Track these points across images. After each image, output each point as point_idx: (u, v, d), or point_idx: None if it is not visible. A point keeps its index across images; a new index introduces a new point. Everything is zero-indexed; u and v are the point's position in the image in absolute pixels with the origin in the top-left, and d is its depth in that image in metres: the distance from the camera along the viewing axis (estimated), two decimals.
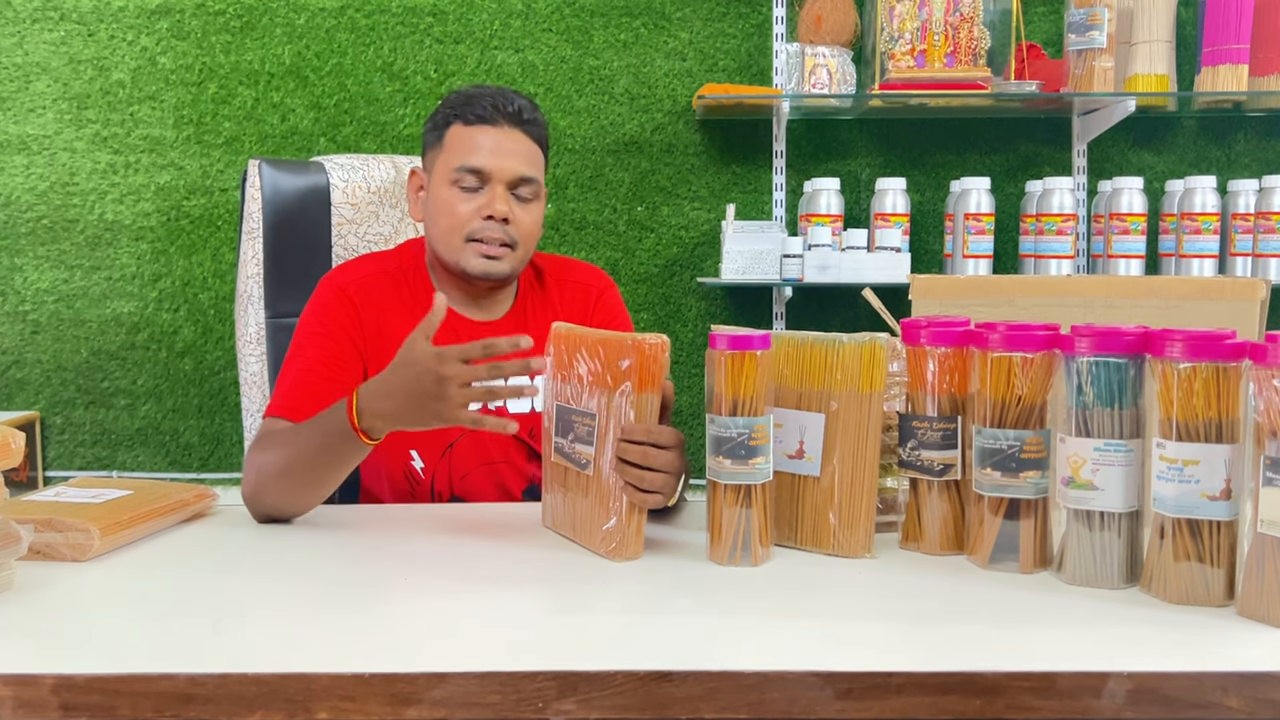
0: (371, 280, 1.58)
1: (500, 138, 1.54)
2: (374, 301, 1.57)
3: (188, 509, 1.36)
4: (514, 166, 1.53)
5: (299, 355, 1.54)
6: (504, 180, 1.53)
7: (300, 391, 1.49)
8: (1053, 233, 2.67)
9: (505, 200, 1.53)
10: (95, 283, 2.93)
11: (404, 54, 2.91)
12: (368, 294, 1.57)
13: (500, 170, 1.53)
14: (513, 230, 1.54)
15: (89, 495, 1.30)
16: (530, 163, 1.55)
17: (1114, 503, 1.08)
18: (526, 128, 1.56)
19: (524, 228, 1.55)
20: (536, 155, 1.57)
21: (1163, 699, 0.87)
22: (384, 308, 1.57)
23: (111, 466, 2.98)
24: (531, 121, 1.57)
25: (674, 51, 2.92)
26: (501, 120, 1.54)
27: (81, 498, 1.29)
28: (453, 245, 1.54)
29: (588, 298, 1.67)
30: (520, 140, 1.55)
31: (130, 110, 2.90)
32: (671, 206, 2.95)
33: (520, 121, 1.55)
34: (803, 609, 1.05)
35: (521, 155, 1.55)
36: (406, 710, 0.87)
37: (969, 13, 2.64)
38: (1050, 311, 1.27)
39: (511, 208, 1.53)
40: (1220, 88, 2.67)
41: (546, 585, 1.14)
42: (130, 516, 1.25)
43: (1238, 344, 1.02)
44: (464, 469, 1.58)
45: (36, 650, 0.94)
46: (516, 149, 1.54)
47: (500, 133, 1.54)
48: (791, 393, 1.22)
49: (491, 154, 1.53)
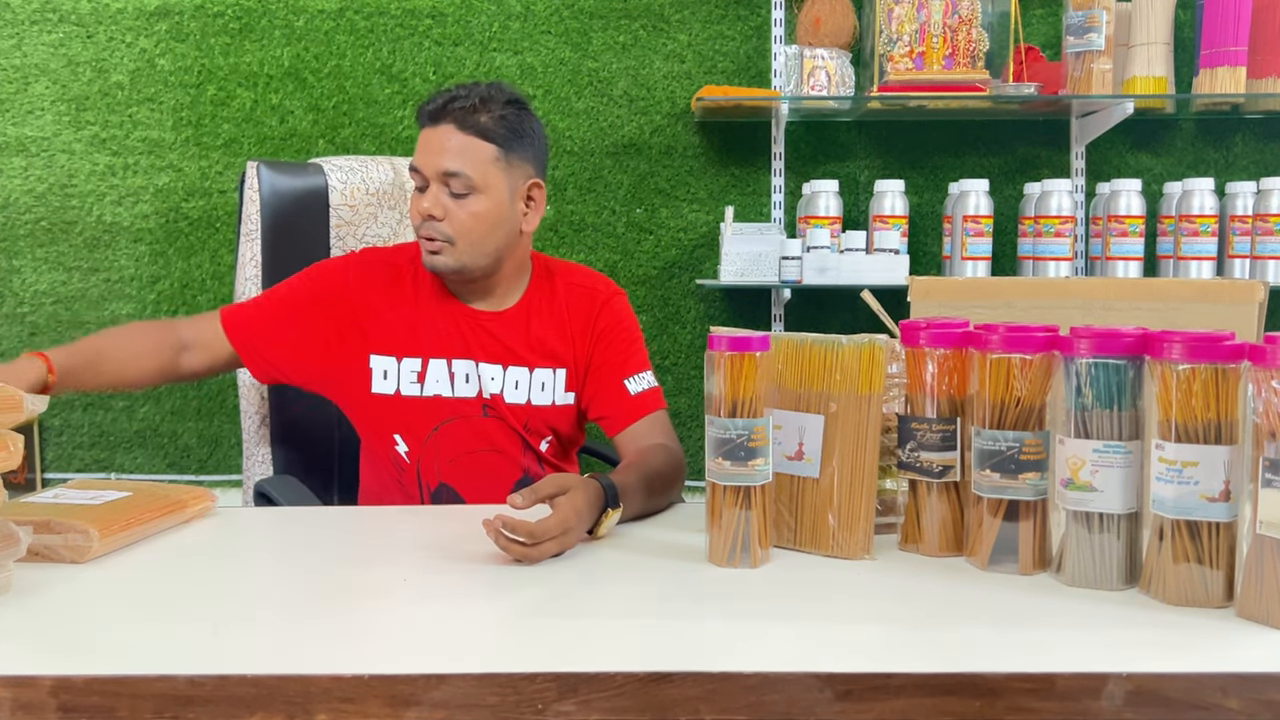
0: (378, 268, 1.66)
1: (433, 136, 1.57)
2: (371, 287, 1.64)
3: (186, 511, 1.36)
4: (436, 163, 1.55)
5: (281, 288, 1.67)
6: (433, 177, 1.56)
7: (251, 307, 1.67)
8: (1051, 235, 2.67)
9: (433, 198, 1.56)
10: (94, 285, 2.93)
11: (403, 56, 2.91)
12: (367, 279, 1.65)
13: (426, 167, 1.56)
14: (444, 226, 1.56)
15: (88, 497, 1.30)
16: (456, 156, 1.55)
17: (1113, 504, 1.08)
18: (459, 120, 1.55)
19: (457, 222, 1.56)
20: (471, 147, 1.55)
21: (1162, 700, 0.87)
22: (380, 296, 1.64)
23: (110, 468, 2.97)
24: (466, 111, 1.55)
25: (673, 54, 2.92)
26: (436, 119, 1.57)
27: (80, 499, 1.29)
28: (418, 241, 1.61)
29: (593, 301, 1.68)
30: (450, 135, 1.56)
31: (129, 112, 2.90)
32: (670, 209, 2.95)
33: (452, 114, 1.55)
34: (802, 610, 1.05)
35: (448, 150, 1.55)
36: (406, 712, 0.86)
37: (967, 15, 2.64)
38: (1049, 313, 1.28)
39: (444, 203, 1.56)
40: (1218, 90, 2.68)
41: (546, 586, 1.14)
42: (129, 519, 1.24)
43: (1236, 345, 1.02)
44: (450, 454, 1.58)
45: (35, 652, 0.94)
46: (445, 145, 1.56)
47: (434, 131, 1.57)
48: (791, 394, 1.22)
49: (423, 153, 1.57)
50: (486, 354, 1.61)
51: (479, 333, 1.62)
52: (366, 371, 1.60)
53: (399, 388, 1.59)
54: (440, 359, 1.60)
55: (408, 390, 1.59)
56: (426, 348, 1.60)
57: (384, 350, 1.60)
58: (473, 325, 1.62)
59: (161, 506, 1.31)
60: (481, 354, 1.61)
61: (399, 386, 1.59)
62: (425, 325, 1.61)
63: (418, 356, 1.60)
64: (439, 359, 1.60)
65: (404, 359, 1.60)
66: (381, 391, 1.60)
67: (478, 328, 1.62)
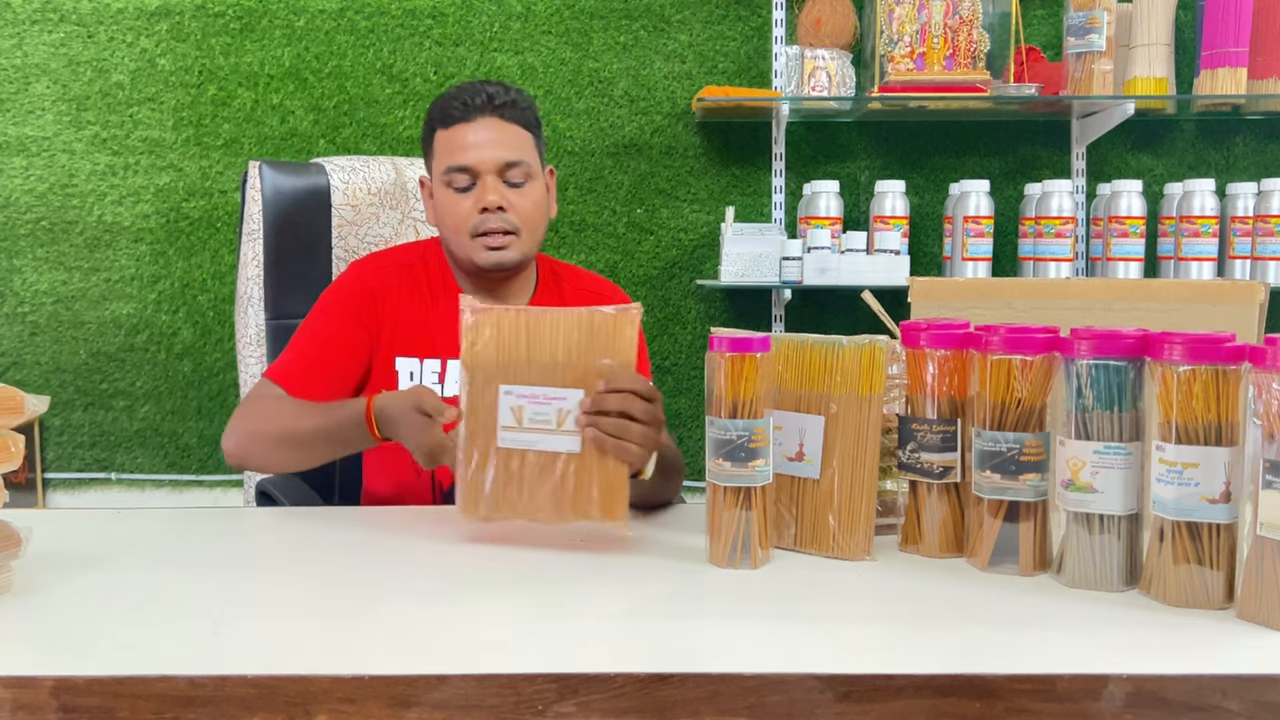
0: (392, 271, 1.64)
1: (477, 130, 1.56)
2: (391, 290, 1.62)
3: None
4: (495, 155, 1.56)
5: (310, 328, 1.61)
6: (490, 170, 1.56)
7: (303, 362, 1.57)
8: (1052, 235, 2.67)
9: (496, 190, 1.55)
10: (94, 284, 2.93)
11: (404, 56, 2.91)
12: (386, 283, 1.62)
13: (483, 162, 1.55)
14: (511, 217, 1.56)
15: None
16: (512, 146, 1.57)
17: (1113, 505, 1.08)
18: (501, 113, 1.57)
19: (522, 211, 1.57)
20: (519, 137, 1.58)
21: (1162, 702, 0.87)
22: (400, 297, 1.62)
23: (110, 468, 2.97)
24: (506, 105, 1.57)
25: (673, 54, 2.92)
26: (474, 113, 1.56)
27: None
28: (462, 244, 1.58)
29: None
30: (497, 127, 1.56)
31: (129, 112, 2.90)
32: (671, 209, 2.95)
33: (493, 108, 1.56)
34: (802, 611, 1.05)
35: (501, 141, 1.56)
36: (406, 713, 0.86)
37: (968, 16, 2.64)
38: (1049, 314, 1.27)
39: (505, 194, 1.56)
40: (1219, 91, 2.68)
41: (545, 587, 1.14)
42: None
43: (1237, 347, 1.02)
44: None
45: (35, 652, 0.94)
46: (495, 137, 1.56)
47: (476, 125, 1.56)
48: (791, 395, 1.22)
49: (472, 149, 1.56)
50: None
51: None
52: (393, 374, 1.61)
53: None
54: (457, 360, 1.60)
55: None
56: (444, 349, 1.61)
57: (407, 351, 1.61)
58: None
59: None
60: None
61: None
62: (441, 325, 1.61)
63: (436, 357, 1.61)
64: (456, 360, 1.60)
65: (425, 360, 1.61)
66: None
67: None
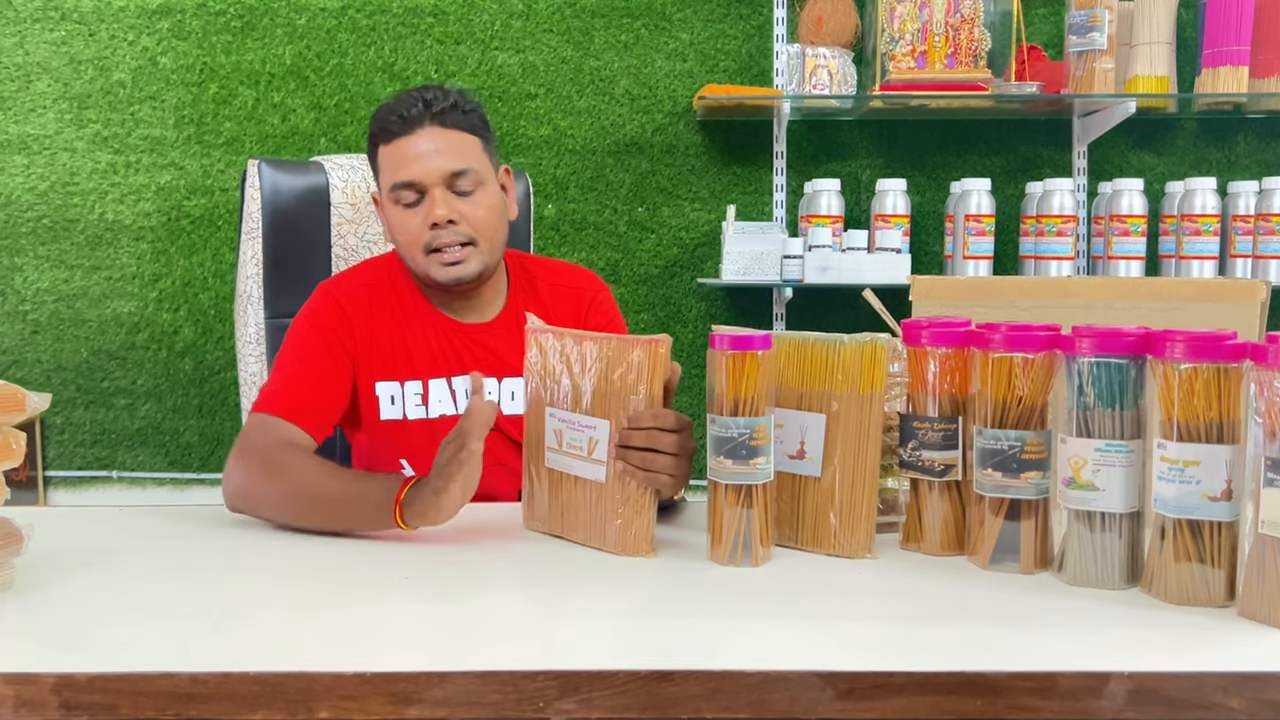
0: (362, 290, 1.60)
1: (418, 142, 1.51)
2: (363, 312, 1.58)
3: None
4: (439, 165, 1.51)
5: (291, 356, 1.56)
6: (436, 183, 1.51)
7: (291, 391, 1.51)
8: (1053, 234, 2.67)
9: (445, 202, 1.51)
10: (95, 283, 2.93)
11: (405, 54, 2.91)
12: (358, 306, 1.58)
13: (428, 175, 1.50)
14: (463, 228, 1.52)
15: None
16: (456, 155, 1.51)
17: (1115, 503, 1.08)
18: (442, 120, 1.51)
19: (475, 220, 1.52)
20: (464, 143, 1.53)
21: (1163, 700, 0.87)
22: (374, 320, 1.58)
23: (111, 466, 2.97)
24: (445, 111, 1.52)
25: (675, 52, 2.92)
26: (413, 125, 1.51)
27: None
28: (418, 261, 1.54)
29: (580, 301, 1.67)
30: (439, 136, 1.51)
31: (131, 110, 2.90)
32: (672, 207, 2.95)
33: (432, 116, 1.51)
34: (804, 609, 1.05)
35: (444, 151, 1.51)
36: (408, 710, 0.87)
37: (969, 14, 2.64)
38: (1051, 313, 1.27)
39: (455, 206, 1.51)
40: (1220, 89, 2.67)
41: (547, 585, 1.14)
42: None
43: (1239, 345, 1.02)
44: None
45: (37, 649, 0.94)
46: (437, 147, 1.51)
47: (417, 137, 1.51)
48: (792, 393, 1.22)
49: (414, 162, 1.50)
50: (481, 368, 1.59)
51: (471, 347, 1.60)
52: (374, 399, 1.58)
53: (405, 413, 1.58)
54: (440, 379, 1.58)
55: (414, 414, 1.58)
56: (424, 369, 1.58)
57: (387, 375, 1.58)
58: (464, 340, 1.60)
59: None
60: (476, 369, 1.59)
61: (405, 411, 1.57)
62: (419, 345, 1.58)
63: (418, 379, 1.58)
64: (438, 379, 1.58)
65: (406, 382, 1.58)
66: (390, 418, 1.58)
67: (469, 341, 1.60)
